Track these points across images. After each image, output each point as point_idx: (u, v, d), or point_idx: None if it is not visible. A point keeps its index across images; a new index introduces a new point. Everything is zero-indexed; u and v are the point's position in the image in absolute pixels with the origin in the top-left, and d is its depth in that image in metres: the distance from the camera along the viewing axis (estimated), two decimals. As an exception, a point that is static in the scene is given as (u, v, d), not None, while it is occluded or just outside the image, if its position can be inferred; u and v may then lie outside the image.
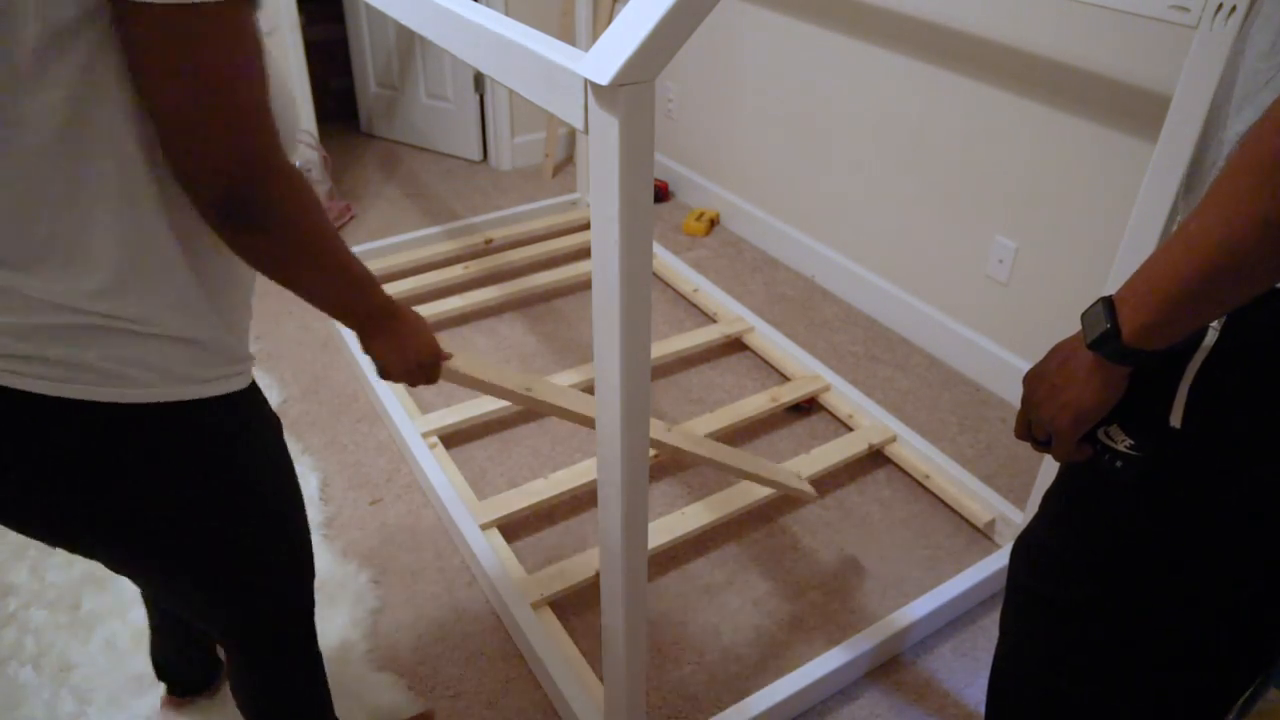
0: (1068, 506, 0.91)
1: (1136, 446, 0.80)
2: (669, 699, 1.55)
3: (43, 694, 1.52)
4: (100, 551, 0.89)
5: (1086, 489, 0.87)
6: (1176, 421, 0.76)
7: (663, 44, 0.71)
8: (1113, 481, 0.81)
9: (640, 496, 0.98)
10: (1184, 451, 0.77)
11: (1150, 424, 0.78)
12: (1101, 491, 0.84)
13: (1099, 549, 0.87)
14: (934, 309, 2.43)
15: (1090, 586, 0.88)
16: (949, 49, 2.15)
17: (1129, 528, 0.83)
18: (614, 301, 0.82)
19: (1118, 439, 0.81)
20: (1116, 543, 0.85)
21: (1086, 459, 0.82)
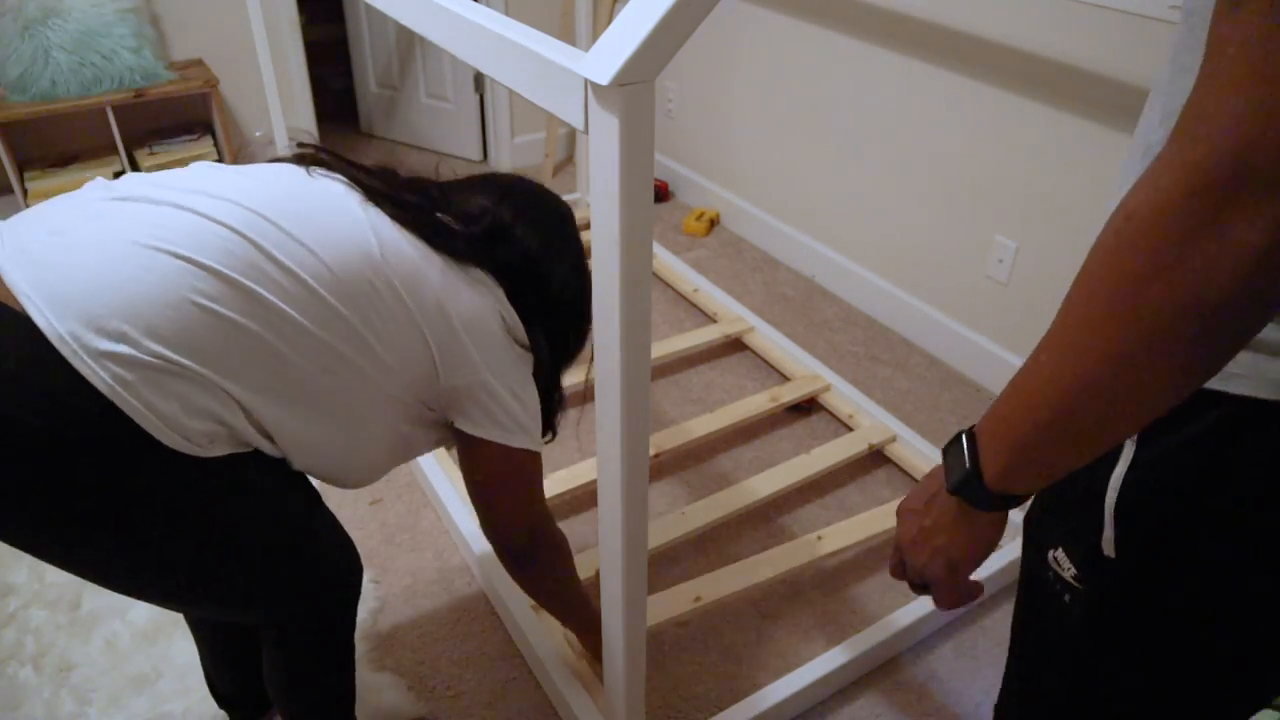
0: (1028, 663, 0.85)
1: (1080, 578, 0.73)
2: (669, 699, 1.55)
3: (43, 694, 1.52)
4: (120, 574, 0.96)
5: (1040, 635, 0.81)
6: (1110, 550, 0.69)
7: (663, 44, 0.70)
8: (1064, 621, 0.75)
9: (640, 496, 0.98)
10: (1121, 584, 0.70)
11: (1089, 550, 0.71)
12: (1055, 634, 0.78)
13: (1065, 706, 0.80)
14: (934, 309, 2.43)
15: None
16: (950, 49, 2.15)
17: (1086, 673, 0.76)
18: (614, 301, 0.82)
19: (1064, 565, 0.74)
20: (1078, 694, 0.78)
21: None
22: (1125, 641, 0.72)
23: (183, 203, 0.93)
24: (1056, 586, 0.75)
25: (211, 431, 0.90)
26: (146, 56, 2.56)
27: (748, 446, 2.11)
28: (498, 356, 1.08)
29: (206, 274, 0.89)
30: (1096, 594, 0.72)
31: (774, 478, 1.90)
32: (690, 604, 1.60)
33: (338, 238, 0.97)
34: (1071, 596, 0.74)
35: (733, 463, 2.06)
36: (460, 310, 1.04)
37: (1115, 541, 0.67)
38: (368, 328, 0.98)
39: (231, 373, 0.89)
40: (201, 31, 2.81)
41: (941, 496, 0.67)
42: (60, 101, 2.47)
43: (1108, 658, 0.75)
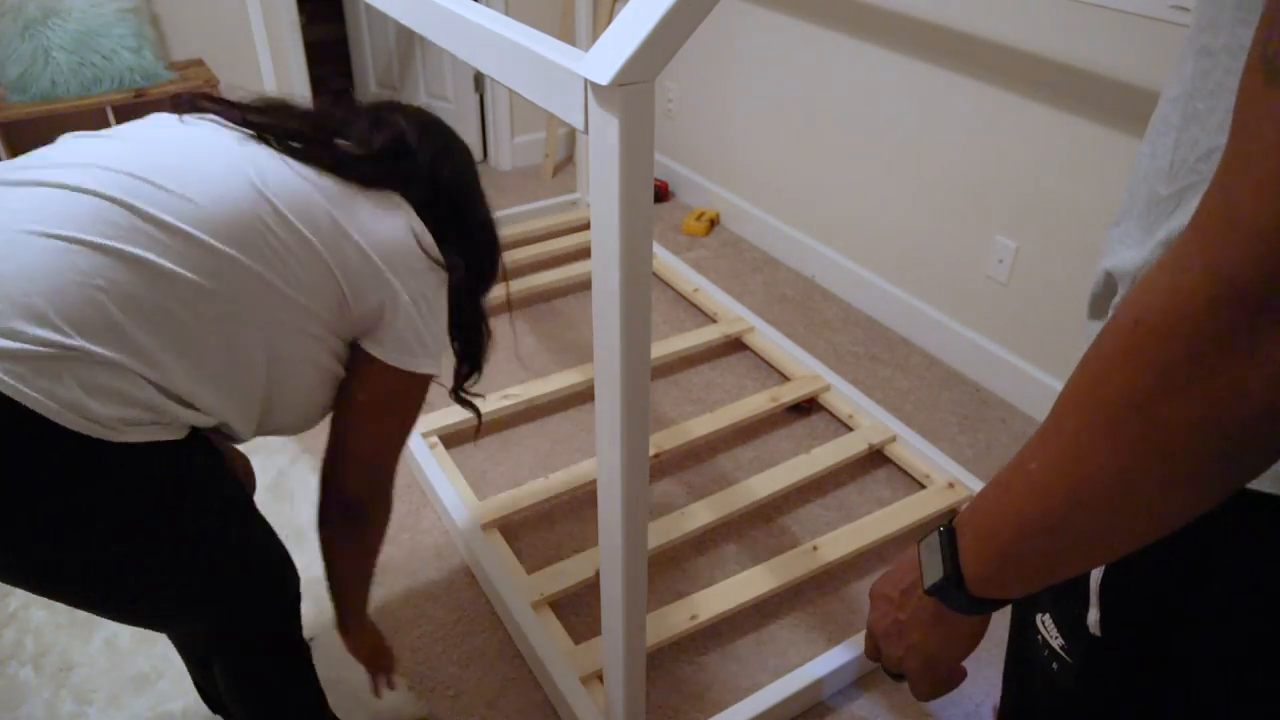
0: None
1: (1067, 650, 0.69)
2: (669, 699, 1.55)
3: (43, 694, 1.52)
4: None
5: (1029, 687, 0.77)
6: (1095, 628, 0.65)
7: (663, 44, 0.71)
8: (1053, 687, 0.71)
9: (640, 496, 0.98)
10: (1107, 664, 0.67)
11: (1075, 626, 0.68)
12: (1045, 699, 0.75)
13: None
14: (934, 309, 2.43)
15: None
16: (949, 49, 2.15)
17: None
18: (614, 301, 0.82)
19: (1052, 633, 0.71)
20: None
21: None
22: (1117, 716, 0.69)
23: (48, 179, 0.89)
24: (1044, 653, 0.72)
25: (124, 415, 0.86)
26: (146, 56, 2.56)
27: (748, 446, 2.11)
28: (411, 273, 1.04)
29: (83, 248, 0.85)
30: (1083, 669, 0.69)
31: (774, 478, 1.90)
32: (687, 622, 1.60)
33: (215, 180, 0.94)
34: (1060, 666, 0.71)
35: (733, 463, 2.07)
36: (367, 231, 1.01)
37: (1100, 622, 0.64)
38: (265, 265, 0.94)
39: (127, 345, 0.86)
40: (201, 31, 2.81)
41: (917, 593, 0.63)
42: (60, 101, 2.47)
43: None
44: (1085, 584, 0.64)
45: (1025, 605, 0.75)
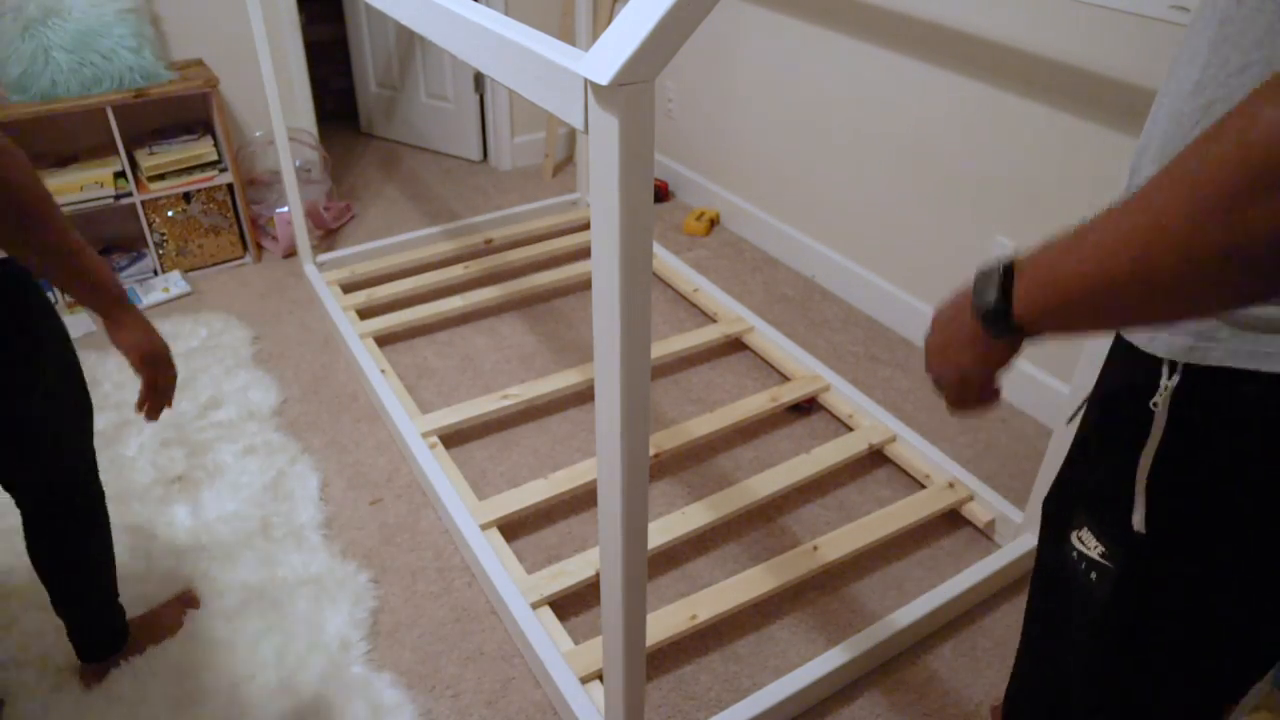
0: (1042, 636, 0.88)
1: (1108, 555, 0.75)
2: (669, 698, 1.55)
3: (43, 693, 1.52)
4: None
5: (1062, 617, 0.84)
6: (1140, 526, 0.71)
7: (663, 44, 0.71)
8: (1089, 594, 0.77)
9: (640, 496, 0.98)
10: (1152, 559, 0.72)
11: (1116, 529, 0.73)
12: (1079, 615, 0.80)
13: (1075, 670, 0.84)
14: (934, 309, 2.42)
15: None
16: (949, 49, 2.15)
17: (1111, 650, 0.79)
18: (614, 301, 0.82)
19: (1090, 545, 0.77)
20: (1093, 658, 0.82)
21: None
22: (1156, 614, 0.74)
23: None
24: (1081, 566, 0.77)
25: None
26: (146, 56, 2.56)
27: (748, 446, 2.11)
28: None
29: None
30: (1126, 570, 0.74)
31: (774, 478, 1.90)
32: (687, 622, 1.60)
33: None
34: (1098, 574, 0.76)
35: (733, 463, 2.07)
36: None
37: (1146, 519, 0.70)
38: None
39: None
40: (201, 31, 2.81)
41: (965, 316, 0.70)
42: (60, 101, 2.47)
43: (1138, 631, 0.76)
44: (1129, 489, 0.70)
45: (1059, 527, 0.81)
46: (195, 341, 2.43)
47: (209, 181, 2.68)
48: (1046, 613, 0.88)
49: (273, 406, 2.21)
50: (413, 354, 2.43)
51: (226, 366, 2.34)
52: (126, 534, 1.82)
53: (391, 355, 2.41)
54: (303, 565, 1.77)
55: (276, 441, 2.09)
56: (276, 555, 1.79)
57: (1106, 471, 0.75)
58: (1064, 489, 0.84)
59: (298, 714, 1.50)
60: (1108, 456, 0.75)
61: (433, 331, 2.52)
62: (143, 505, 1.89)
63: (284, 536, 1.84)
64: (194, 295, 2.69)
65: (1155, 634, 0.75)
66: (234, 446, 2.06)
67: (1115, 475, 0.73)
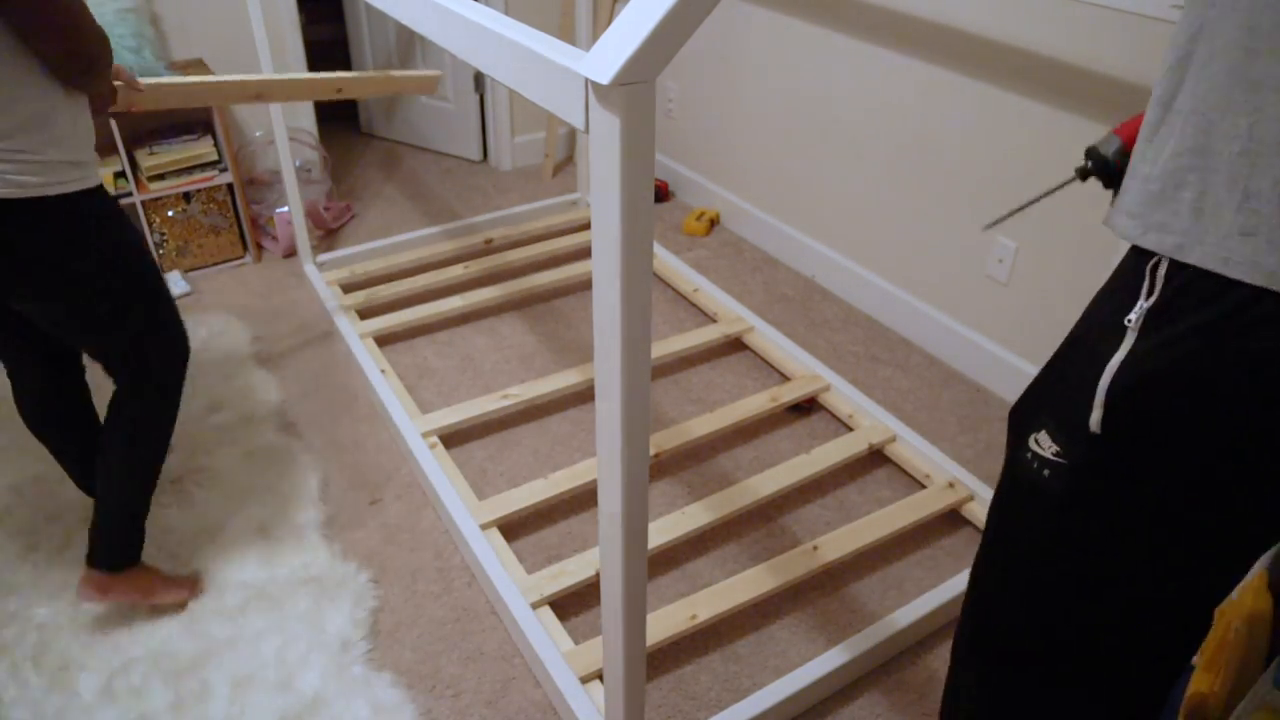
0: (1001, 525, 0.94)
1: (1063, 454, 0.83)
2: (669, 698, 1.55)
3: (43, 692, 1.52)
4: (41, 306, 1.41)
5: (1016, 513, 0.91)
6: (1095, 427, 0.79)
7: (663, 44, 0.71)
8: (1042, 492, 0.85)
9: (640, 496, 0.98)
10: (1104, 459, 0.80)
11: (1075, 430, 0.81)
12: (1032, 511, 0.88)
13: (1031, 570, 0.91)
14: (934, 309, 2.43)
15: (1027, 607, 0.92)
16: (949, 49, 2.15)
17: (1063, 543, 0.87)
18: (614, 301, 0.82)
19: (1045, 445, 0.84)
20: (1046, 560, 0.89)
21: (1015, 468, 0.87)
22: (1104, 510, 0.82)
23: None
24: (1034, 465, 0.85)
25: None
26: (146, 56, 2.56)
27: (748, 446, 2.11)
28: None
29: None
30: (1077, 467, 0.82)
31: (774, 478, 1.90)
32: (687, 622, 1.60)
33: None
34: (1051, 472, 0.84)
35: (733, 463, 2.07)
36: None
37: (1102, 421, 0.78)
38: None
39: None
40: (201, 31, 2.81)
41: None
42: (60, 101, 2.47)
43: (1087, 526, 0.84)
44: (1090, 394, 0.78)
45: (1020, 433, 0.89)
46: (195, 341, 2.43)
47: (209, 181, 2.68)
48: (1005, 510, 0.93)
49: (273, 406, 2.21)
50: (413, 354, 2.43)
51: (226, 366, 2.34)
52: (126, 534, 1.82)
53: (391, 355, 2.41)
54: (303, 565, 1.77)
55: (276, 441, 2.09)
56: (277, 555, 1.79)
57: (1073, 379, 0.82)
58: (1029, 398, 0.91)
59: (298, 714, 1.50)
60: (1077, 365, 0.82)
61: (433, 331, 2.52)
62: (143, 505, 1.89)
63: (284, 536, 1.84)
64: (194, 295, 2.69)
65: (1106, 530, 0.83)
66: (234, 446, 2.06)
67: (1080, 383, 0.80)
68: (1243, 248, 0.71)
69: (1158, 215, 0.76)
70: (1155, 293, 0.76)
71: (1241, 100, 0.71)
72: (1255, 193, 0.71)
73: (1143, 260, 0.78)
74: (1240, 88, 0.71)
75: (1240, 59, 0.70)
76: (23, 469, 1.98)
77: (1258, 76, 0.70)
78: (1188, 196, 0.74)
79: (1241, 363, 0.72)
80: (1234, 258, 0.71)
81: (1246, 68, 0.70)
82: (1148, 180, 0.77)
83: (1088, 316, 0.85)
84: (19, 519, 1.86)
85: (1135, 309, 0.77)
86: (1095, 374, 0.79)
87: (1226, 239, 0.72)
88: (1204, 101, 0.73)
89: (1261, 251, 0.70)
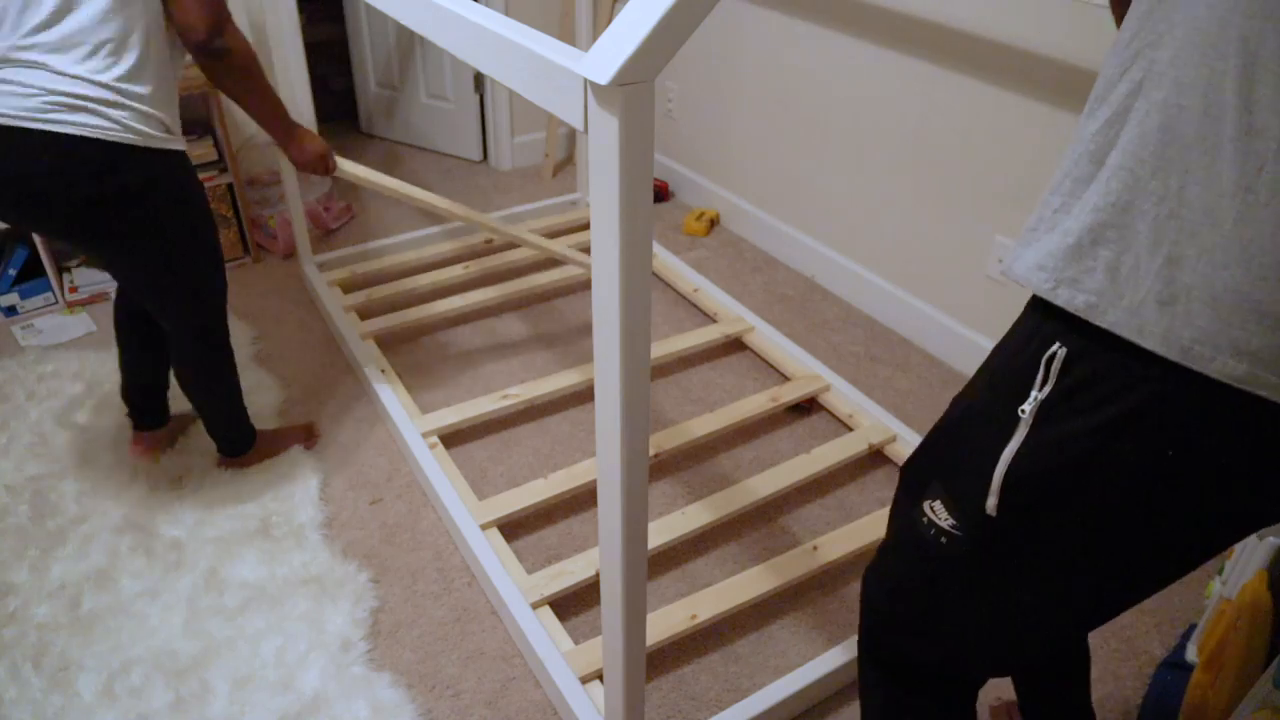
0: (897, 567, 1.01)
1: (958, 527, 0.85)
2: (669, 698, 1.55)
3: (43, 692, 1.52)
4: (107, 250, 1.57)
5: (909, 548, 0.96)
6: (992, 510, 0.81)
7: (663, 44, 0.71)
8: (936, 551, 0.89)
9: (640, 496, 0.98)
10: (996, 536, 0.83)
11: (970, 508, 0.83)
12: (924, 553, 0.92)
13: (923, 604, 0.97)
14: (934, 309, 2.43)
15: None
16: (949, 49, 2.15)
17: (948, 587, 0.92)
18: (614, 301, 0.82)
19: (940, 515, 0.87)
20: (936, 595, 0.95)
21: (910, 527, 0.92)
22: (994, 569, 0.86)
23: None
24: (930, 530, 0.89)
25: None
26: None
27: (748, 446, 2.11)
28: None
29: None
30: (973, 538, 0.85)
31: (774, 478, 1.90)
32: (687, 622, 1.60)
33: None
34: (947, 540, 0.87)
35: (733, 463, 2.07)
36: None
37: (997, 506, 0.81)
38: None
39: None
40: (202, 31, 2.81)
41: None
42: (60, 101, 2.47)
43: (975, 579, 0.89)
44: (986, 479, 0.81)
45: (915, 493, 0.93)
46: (195, 341, 2.43)
47: (209, 181, 2.68)
48: (909, 555, 0.97)
49: (273, 406, 2.21)
50: (413, 354, 2.43)
51: (226, 366, 2.34)
52: (128, 532, 1.82)
53: (391, 355, 2.41)
54: (303, 565, 1.77)
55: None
56: (277, 555, 1.79)
57: (967, 459, 0.84)
58: (923, 459, 0.95)
59: (298, 714, 1.50)
60: (971, 444, 0.85)
61: (433, 331, 2.53)
62: (144, 504, 1.89)
63: (284, 536, 1.84)
64: (194, 295, 2.69)
65: (994, 587, 0.88)
66: (234, 446, 2.06)
67: (974, 465, 0.82)
68: (1159, 317, 0.68)
69: (1071, 270, 0.73)
70: (1049, 385, 0.76)
71: (1174, 159, 0.68)
72: (1178, 259, 0.68)
73: (1042, 325, 0.77)
74: (1174, 145, 0.68)
75: (1174, 116, 0.68)
76: (21, 469, 1.98)
77: (1191, 135, 0.67)
78: (1105, 255, 0.71)
79: (1133, 462, 0.73)
80: (1149, 327, 0.69)
81: (1180, 125, 0.67)
82: (1066, 233, 0.74)
83: (986, 384, 0.86)
84: (18, 519, 1.86)
85: (1030, 399, 0.77)
86: (990, 461, 0.80)
87: (1143, 305, 0.69)
88: (1134, 158, 0.70)
89: (1179, 324, 0.68)
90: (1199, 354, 0.67)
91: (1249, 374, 0.67)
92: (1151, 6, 0.70)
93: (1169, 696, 1.46)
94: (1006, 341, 0.84)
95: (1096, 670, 1.59)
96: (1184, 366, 0.68)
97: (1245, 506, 0.76)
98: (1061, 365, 0.74)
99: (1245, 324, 0.66)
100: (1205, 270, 0.67)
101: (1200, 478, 0.73)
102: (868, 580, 1.07)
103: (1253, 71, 0.64)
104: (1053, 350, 0.75)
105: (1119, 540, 0.79)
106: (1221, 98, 0.65)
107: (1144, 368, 0.70)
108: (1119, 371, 0.71)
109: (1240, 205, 0.65)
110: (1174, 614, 1.69)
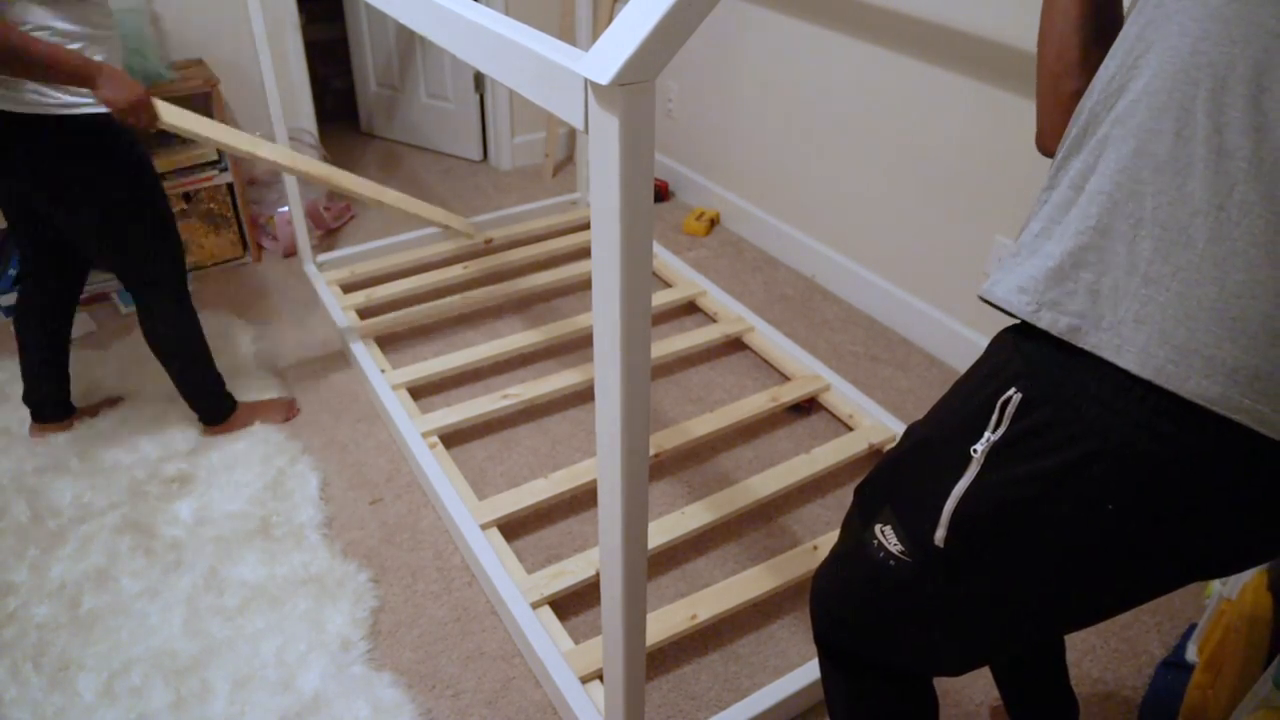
0: (848, 588, 1.02)
1: (907, 554, 0.88)
2: (669, 698, 1.55)
3: (42, 691, 1.52)
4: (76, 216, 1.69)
5: (858, 563, 0.98)
6: (940, 542, 0.84)
7: (663, 44, 0.71)
8: (885, 571, 0.91)
9: (640, 496, 0.98)
10: (943, 564, 0.85)
11: (920, 536, 0.86)
12: (873, 572, 0.94)
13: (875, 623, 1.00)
14: (934, 309, 2.43)
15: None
16: (949, 49, 2.15)
17: (895, 602, 0.95)
18: (614, 301, 0.82)
19: (890, 541, 0.89)
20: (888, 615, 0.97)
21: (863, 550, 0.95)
22: (942, 591, 0.88)
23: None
24: (880, 552, 0.91)
25: None
26: (146, 56, 2.56)
27: (748, 446, 2.11)
28: None
29: None
30: (922, 564, 0.87)
31: (774, 478, 1.90)
32: (687, 622, 1.60)
33: None
34: (897, 564, 0.90)
35: (733, 463, 2.07)
36: None
37: (945, 539, 0.83)
38: None
39: None
40: (201, 31, 2.81)
41: None
42: (60, 101, 2.47)
43: (924, 599, 0.91)
44: (936, 512, 0.83)
45: (867, 514, 0.95)
46: (195, 341, 2.43)
47: (209, 181, 2.68)
48: (858, 574, 0.99)
49: (273, 406, 2.21)
50: (413, 354, 2.43)
51: (226, 367, 2.33)
52: (128, 532, 1.82)
53: (391, 355, 2.41)
54: (303, 565, 1.77)
55: (276, 441, 2.09)
56: (277, 555, 1.79)
57: (919, 491, 0.86)
58: (877, 484, 0.97)
59: (298, 714, 1.50)
60: (923, 475, 0.87)
61: (433, 331, 2.53)
62: (144, 504, 1.89)
63: (284, 536, 1.84)
64: (194, 295, 2.68)
65: (942, 607, 0.90)
66: (234, 446, 2.06)
67: (925, 497, 0.85)
68: (1136, 335, 0.70)
69: (1053, 293, 0.74)
70: (1003, 428, 0.77)
71: (1148, 180, 0.69)
72: (1154, 279, 0.69)
73: (1004, 366, 0.79)
74: (1147, 168, 0.69)
75: (1147, 140, 0.69)
76: (19, 468, 1.98)
77: (1164, 156, 0.68)
78: (1086, 277, 0.72)
79: (1069, 512, 0.75)
80: (1126, 346, 0.70)
81: (1153, 147, 0.69)
82: (1048, 256, 0.75)
83: (942, 419, 0.88)
84: (18, 518, 1.86)
85: (983, 440, 0.79)
86: (940, 495, 0.82)
87: (1121, 324, 0.70)
88: (1111, 182, 0.71)
89: (1154, 342, 0.69)
90: (1172, 373, 0.68)
91: (1222, 395, 0.67)
92: (1133, 43, 0.72)
93: (1169, 696, 1.46)
94: (967, 379, 0.86)
95: (1097, 670, 1.59)
96: (1149, 402, 0.69)
97: (1202, 549, 0.76)
98: (1016, 410, 0.76)
99: (1220, 342, 0.67)
100: (1180, 289, 0.68)
101: (1150, 526, 0.74)
102: (818, 582, 1.09)
103: (1222, 95, 0.66)
104: (1008, 395, 0.76)
105: (1065, 576, 0.81)
106: (1193, 120, 0.67)
107: (1100, 411, 0.71)
108: (1071, 420, 0.73)
109: (1213, 224, 0.66)
110: (1174, 614, 1.69)
